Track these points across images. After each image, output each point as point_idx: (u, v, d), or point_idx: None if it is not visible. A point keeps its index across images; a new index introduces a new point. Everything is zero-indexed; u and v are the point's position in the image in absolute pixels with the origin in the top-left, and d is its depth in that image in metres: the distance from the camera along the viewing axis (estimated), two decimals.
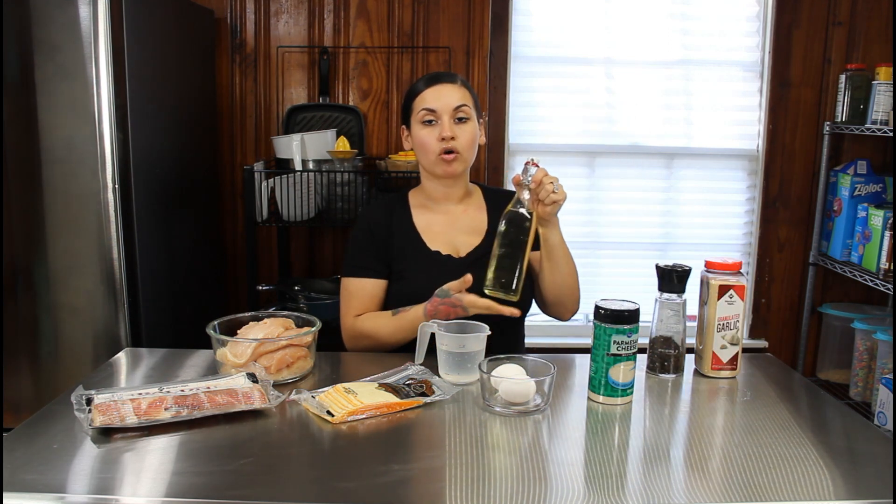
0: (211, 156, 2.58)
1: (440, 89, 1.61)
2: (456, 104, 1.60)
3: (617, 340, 1.27)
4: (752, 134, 2.80)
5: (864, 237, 2.53)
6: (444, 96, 1.60)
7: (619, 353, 1.27)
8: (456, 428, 1.18)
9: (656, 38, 2.73)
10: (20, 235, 1.92)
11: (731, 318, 1.41)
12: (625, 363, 1.28)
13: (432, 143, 1.59)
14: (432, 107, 1.60)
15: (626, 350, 1.27)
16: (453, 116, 1.60)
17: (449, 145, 1.58)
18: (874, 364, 2.53)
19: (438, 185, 1.67)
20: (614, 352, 1.27)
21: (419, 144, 1.62)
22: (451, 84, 1.62)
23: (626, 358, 1.28)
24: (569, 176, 2.78)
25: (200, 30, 2.46)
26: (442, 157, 1.59)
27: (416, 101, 1.63)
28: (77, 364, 1.96)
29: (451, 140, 1.58)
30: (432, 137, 1.59)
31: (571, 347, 2.70)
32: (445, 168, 1.61)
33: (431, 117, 1.60)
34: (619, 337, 1.26)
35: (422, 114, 1.61)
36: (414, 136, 1.64)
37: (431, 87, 1.62)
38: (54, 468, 1.02)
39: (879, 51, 2.67)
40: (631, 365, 1.29)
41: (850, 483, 1.05)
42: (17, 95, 1.86)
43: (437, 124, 1.60)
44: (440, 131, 1.59)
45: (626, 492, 1.00)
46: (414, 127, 1.64)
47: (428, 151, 1.60)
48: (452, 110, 1.60)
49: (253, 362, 1.32)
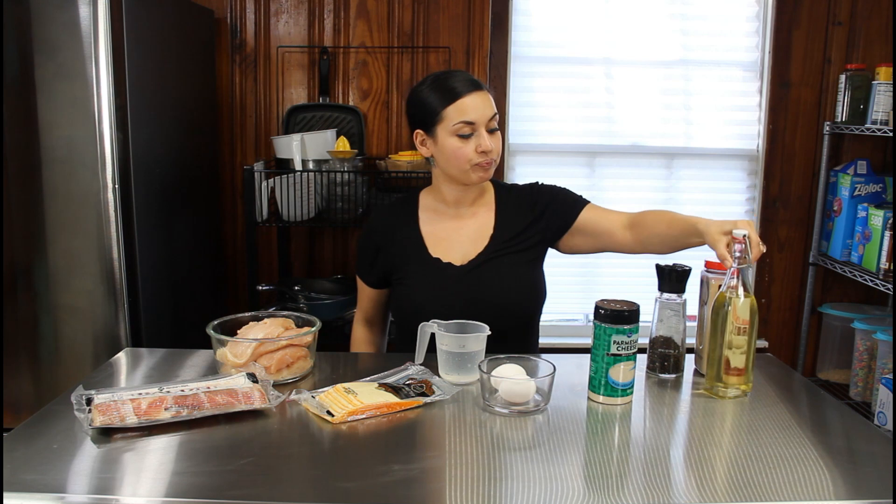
0: (211, 156, 2.58)
1: (473, 99, 1.53)
2: (491, 114, 1.55)
3: (617, 340, 1.26)
4: (752, 134, 2.80)
5: (864, 237, 2.53)
6: (479, 107, 1.53)
7: (619, 353, 1.27)
8: (456, 428, 1.18)
9: (656, 38, 2.73)
10: (20, 235, 1.92)
11: None
12: (625, 363, 1.28)
13: (470, 155, 1.53)
14: (471, 119, 1.52)
15: (626, 350, 1.27)
16: (488, 127, 1.55)
17: (487, 158, 1.55)
18: (874, 364, 2.53)
19: (455, 189, 1.63)
20: (614, 352, 1.27)
21: (452, 154, 1.55)
22: (483, 92, 1.55)
23: (626, 358, 1.27)
24: (569, 176, 2.79)
25: (200, 30, 2.46)
26: (479, 165, 1.55)
27: (448, 109, 1.52)
28: (77, 364, 1.96)
29: (489, 153, 1.54)
30: (470, 149, 1.53)
31: (571, 347, 2.70)
32: (481, 175, 1.56)
33: (469, 130, 1.53)
34: (619, 337, 1.26)
35: (458, 126, 1.52)
36: (444, 145, 1.55)
37: (463, 97, 1.52)
38: (54, 468, 1.02)
39: (879, 51, 2.67)
40: (631, 365, 1.28)
41: (850, 483, 1.05)
42: (17, 95, 1.86)
43: (472, 137, 1.53)
44: (478, 144, 1.53)
45: (626, 492, 1.00)
46: (444, 136, 1.54)
47: (462, 162, 1.54)
48: (488, 121, 1.54)
49: (253, 362, 1.32)
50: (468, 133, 1.52)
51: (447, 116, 1.53)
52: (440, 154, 1.57)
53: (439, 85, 1.54)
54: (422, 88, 1.57)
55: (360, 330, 1.76)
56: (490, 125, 1.54)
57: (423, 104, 1.56)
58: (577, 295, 2.85)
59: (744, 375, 1.32)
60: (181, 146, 2.29)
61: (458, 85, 1.53)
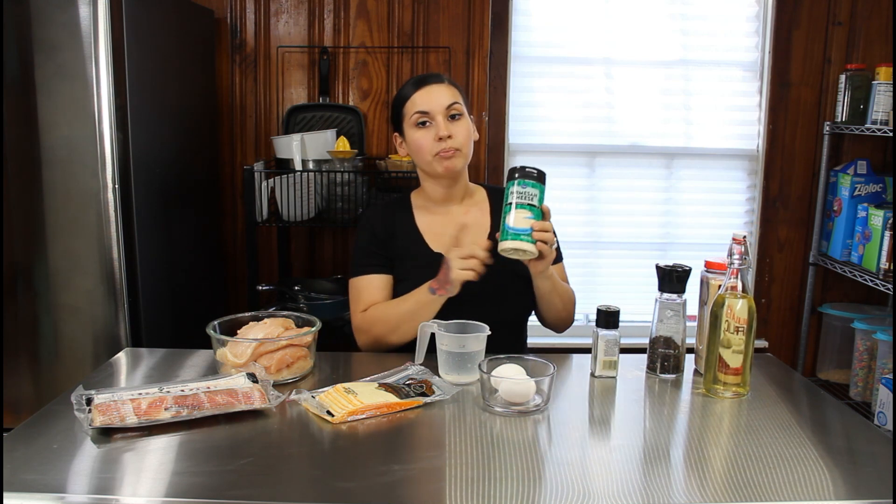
0: (211, 156, 2.58)
1: (429, 91, 1.60)
2: (447, 103, 1.59)
3: (514, 191, 1.40)
4: (752, 134, 2.80)
5: (864, 237, 2.53)
6: (434, 97, 1.59)
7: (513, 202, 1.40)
8: (456, 428, 1.18)
9: (656, 38, 2.73)
10: (20, 235, 1.92)
11: None
12: (518, 210, 1.39)
13: (429, 144, 1.58)
14: (424, 108, 1.59)
15: (523, 200, 1.39)
16: (446, 115, 1.59)
17: (447, 144, 1.58)
18: (874, 364, 2.53)
19: (438, 187, 1.67)
20: (510, 201, 1.40)
21: (415, 147, 1.61)
22: (438, 84, 1.61)
23: (520, 206, 1.39)
24: (569, 176, 2.79)
25: (200, 30, 2.46)
26: (440, 154, 1.58)
27: (406, 105, 1.62)
28: (77, 364, 1.96)
29: (448, 139, 1.58)
30: (428, 139, 1.58)
31: (571, 347, 2.70)
32: (446, 164, 1.59)
33: (425, 119, 1.59)
34: (517, 188, 1.40)
35: (415, 117, 1.59)
36: (409, 140, 1.63)
37: (420, 89, 1.60)
38: (54, 468, 1.02)
39: (879, 51, 2.67)
40: (525, 213, 1.39)
41: (850, 483, 1.05)
42: (17, 95, 1.86)
43: (431, 125, 1.59)
44: (436, 131, 1.58)
45: (626, 492, 1.00)
46: (408, 131, 1.62)
47: (425, 152, 1.59)
48: (445, 109, 1.59)
49: (253, 362, 1.32)
50: (424, 122, 1.59)
51: (407, 111, 1.62)
52: (410, 151, 1.65)
53: (405, 85, 1.65)
54: (397, 93, 1.67)
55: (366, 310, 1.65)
56: (449, 112, 1.60)
57: (394, 106, 1.67)
58: (577, 295, 2.84)
59: (741, 376, 1.32)
60: (181, 146, 2.29)
61: (414, 82, 1.63)
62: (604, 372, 1.41)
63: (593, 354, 1.42)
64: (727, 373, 1.32)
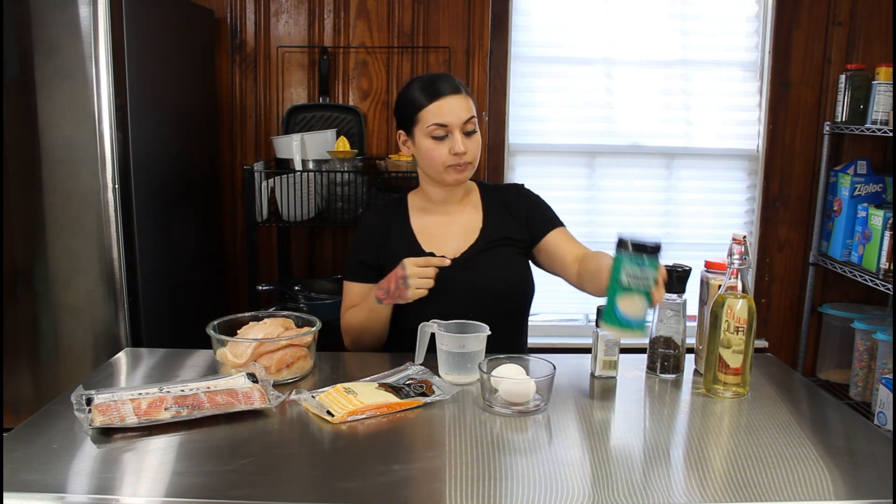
0: (211, 156, 2.58)
1: (448, 102, 1.56)
2: (466, 117, 1.56)
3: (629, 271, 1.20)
4: (752, 134, 2.80)
5: (864, 237, 2.53)
6: (454, 110, 1.56)
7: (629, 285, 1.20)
8: (456, 428, 1.18)
9: (656, 38, 2.73)
10: (20, 235, 1.92)
11: None
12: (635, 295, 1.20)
13: (443, 157, 1.56)
14: (443, 121, 1.55)
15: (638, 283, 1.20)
16: (463, 130, 1.57)
17: (461, 159, 1.57)
18: (874, 364, 2.53)
19: (439, 190, 1.67)
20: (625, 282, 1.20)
21: (427, 156, 1.59)
22: (456, 95, 1.57)
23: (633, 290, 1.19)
24: (569, 176, 2.79)
25: (200, 30, 2.46)
26: (452, 167, 1.57)
27: (421, 113, 1.57)
28: (77, 364, 1.96)
29: (463, 155, 1.57)
30: (443, 151, 1.56)
31: (571, 347, 2.71)
32: (456, 177, 1.59)
33: (442, 133, 1.56)
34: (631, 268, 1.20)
35: (431, 128, 1.56)
36: (420, 147, 1.60)
37: (438, 99, 1.56)
38: (54, 468, 1.02)
39: (879, 51, 2.67)
40: (641, 299, 1.20)
41: (850, 483, 1.05)
42: (17, 95, 1.86)
43: (447, 139, 1.56)
44: (452, 146, 1.55)
45: (626, 492, 1.00)
46: (420, 138, 1.59)
47: (437, 163, 1.58)
48: (463, 124, 1.56)
49: (253, 362, 1.32)
50: (442, 135, 1.56)
51: (422, 119, 1.57)
52: (418, 155, 1.63)
53: (418, 88, 1.59)
54: (405, 91, 1.62)
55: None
56: (466, 128, 1.57)
57: (404, 106, 1.61)
58: (577, 295, 2.84)
59: (741, 376, 1.32)
60: (181, 146, 2.29)
61: (434, 88, 1.57)
62: (604, 372, 1.41)
63: (593, 354, 1.42)
64: (727, 373, 1.32)
